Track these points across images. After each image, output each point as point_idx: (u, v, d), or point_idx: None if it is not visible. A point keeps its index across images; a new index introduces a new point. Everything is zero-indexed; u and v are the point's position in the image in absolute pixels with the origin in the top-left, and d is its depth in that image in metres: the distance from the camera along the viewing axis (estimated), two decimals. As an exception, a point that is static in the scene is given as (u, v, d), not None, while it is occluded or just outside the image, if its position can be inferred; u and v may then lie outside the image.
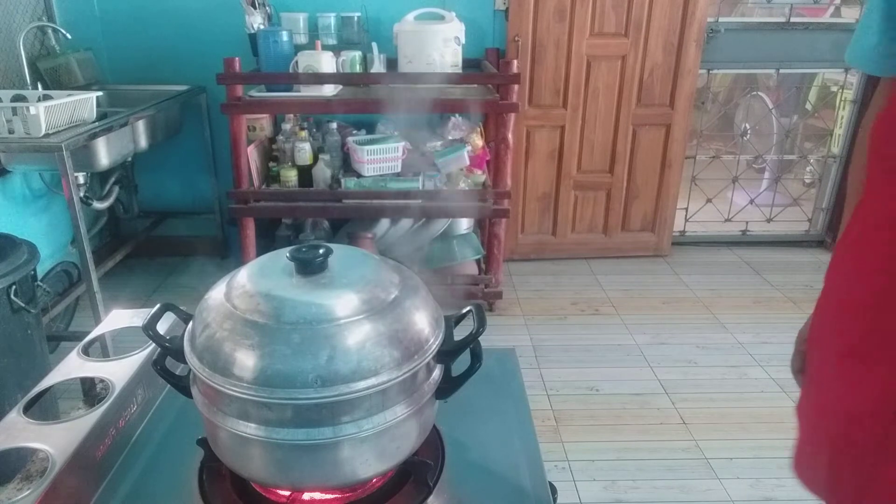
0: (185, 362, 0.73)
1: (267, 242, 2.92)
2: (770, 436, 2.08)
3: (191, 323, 0.75)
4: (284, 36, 2.60)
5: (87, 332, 1.04)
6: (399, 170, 2.67)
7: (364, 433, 0.68)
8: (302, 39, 2.81)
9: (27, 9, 2.69)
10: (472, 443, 0.87)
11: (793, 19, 3.17)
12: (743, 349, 2.56)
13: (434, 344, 0.73)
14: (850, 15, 3.30)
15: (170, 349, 0.75)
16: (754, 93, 4.13)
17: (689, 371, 2.42)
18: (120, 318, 1.08)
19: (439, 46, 2.65)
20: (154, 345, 0.76)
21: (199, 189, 3.24)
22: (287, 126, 2.79)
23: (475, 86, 2.80)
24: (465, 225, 2.98)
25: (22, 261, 1.75)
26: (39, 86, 2.59)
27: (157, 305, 0.79)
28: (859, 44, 0.72)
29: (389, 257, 0.84)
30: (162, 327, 0.80)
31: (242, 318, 0.69)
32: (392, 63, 2.81)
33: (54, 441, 0.77)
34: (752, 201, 3.60)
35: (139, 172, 3.14)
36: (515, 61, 2.49)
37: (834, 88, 3.61)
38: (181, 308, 0.82)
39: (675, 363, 2.47)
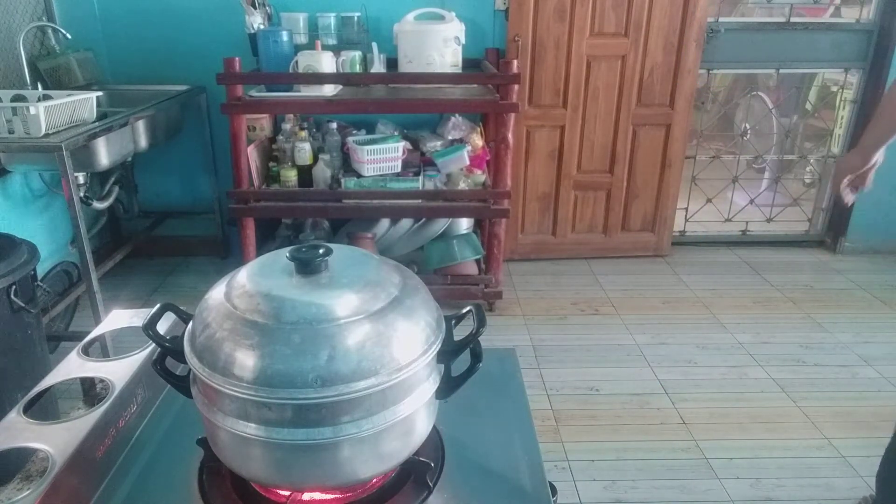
0: (185, 362, 0.73)
1: (267, 242, 2.92)
2: (770, 436, 2.08)
3: (191, 323, 0.75)
4: (284, 36, 2.60)
5: (87, 332, 1.04)
6: (399, 170, 2.68)
7: (364, 433, 0.68)
8: (302, 39, 2.81)
9: (27, 9, 2.69)
10: (472, 443, 0.87)
11: (793, 19, 3.17)
12: (743, 349, 2.56)
13: (434, 344, 0.73)
14: (850, 15, 3.30)
15: (170, 349, 0.75)
16: (754, 93, 4.13)
17: (689, 371, 2.42)
18: (120, 318, 1.08)
19: (439, 46, 2.65)
20: (154, 345, 0.76)
21: (199, 189, 3.24)
22: (287, 126, 2.79)
23: (475, 86, 2.80)
24: (465, 225, 2.98)
25: (22, 261, 1.75)
26: (39, 86, 2.59)
27: (157, 305, 0.79)
28: None
29: (389, 257, 0.84)
30: (162, 327, 0.80)
31: (242, 318, 0.69)
32: (392, 63, 2.81)
33: (54, 441, 0.77)
34: (752, 201, 3.60)
35: (139, 172, 3.14)
36: (515, 61, 2.49)
37: (834, 88, 3.60)
38: (181, 308, 0.82)
39: (675, 363, 2.47)
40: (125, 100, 2.81)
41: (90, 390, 0.93)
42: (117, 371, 0.92)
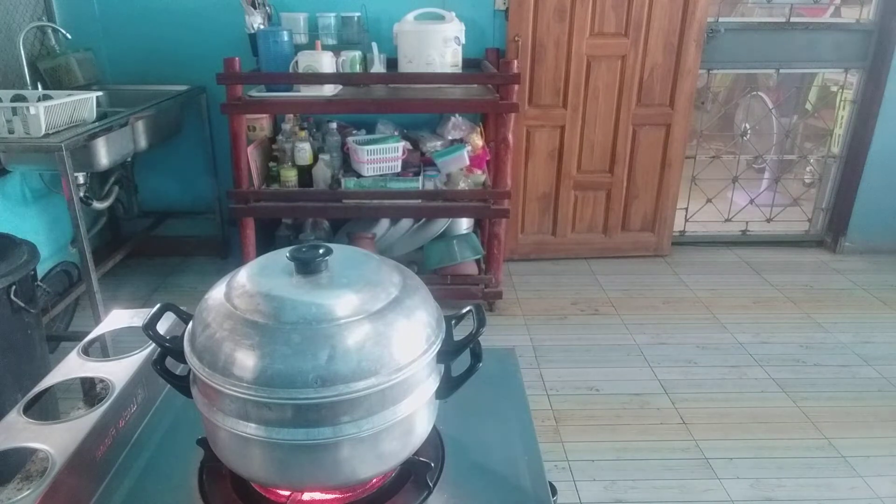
0: (185, 362, 0.72)
1: (267, 242, 2.92)
2: (770, 436, 2.08)
3: (191, 323, 0.75)
4: (284, 36, 2.60)
5: (87, 332, 1.04)
6: (399, 170, 2.68)
7: (364, 433, 0.68)
8: (302, 39, 2.81)
9: (27, 9, 2.69)
10: (472, 443, 0.87)
11: (793, 19, 3.17)
12: (743, 349, 2.56)
13: (434, 344, 0.73)
14: (850, 15, 3.30)
15: (170, 349, 0.75)
16: (754, 93, 4.13)
17: (689, 371, 2.42)
18: (120, 318, 1.08)
19: (439, 46, 2.65)
20: (154, 345, 0.76)
21: (199, 189, 3.24)
22: (287, 126, 2.79)
23: (475, 86, 2.80)
24: (465, 225, 2.99)
25: (22, 261, 1.75)
26: (39, 86, 2.59)
27: (157, 305, 0.79)
28: None
29: (389, 257, 0.83)
30: (162, 327, 0.80)
31: (242, 318, 0.69)
32: (392, 63, 2.81)
33: (54, 441, 0.77)
34: (752, 201, 3.60)
35: (139, 172, 3.14)
36: (515, 61, 2.49)
37: (834, 88, 3.60)
38: (181, 308, 0.82)
39: (675, 363, 2.47)
40: (125, 100, 2.81)
41: (90, 390, 0.93)
42: (117, 371, 0.92)
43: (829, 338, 2.66)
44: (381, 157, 2.62)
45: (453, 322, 0.80)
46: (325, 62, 2.52)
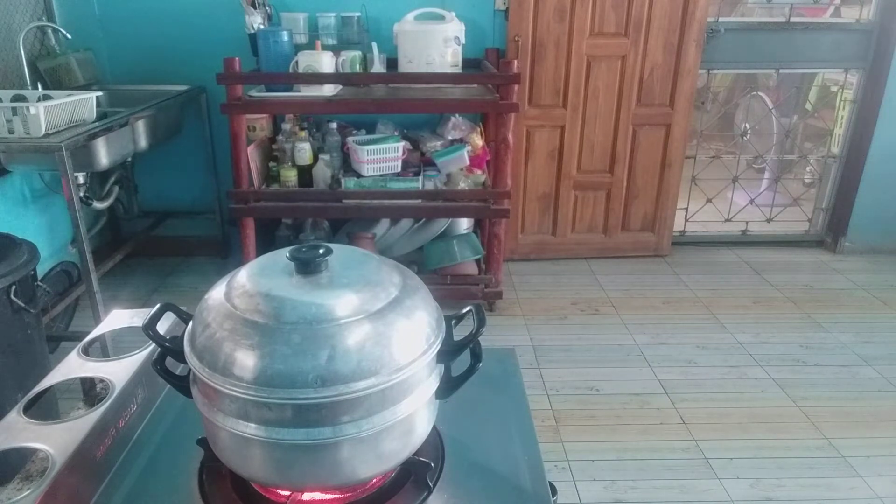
0: (185, 362, 0.72)
1: (267, 242, 2.92)
2: (770, 436, 2.08)
3: (191, 323, 0.75)
4: (284, 36, 2.60)
5: (87, 332, 1.04)
6: (399, 170, 2.68)
7: (364, 433, 0.68)
8: (302, 39, 2.81)
9: (27, 9, 2.69)
10: (472, 443, 0.87)
11: (793, 19, 3.17)
12: (743, 349, 2.56)
13: (434, 344, 0.73)
14: (850, 15, 3.30)
15: (170, 349, 0.75)
16: (754, 93, 4.13)
17: (689, 371, 2.42)
18: (120, 318, 1.08)
19: (439, 46, 2.65)
20: (154, 345, 0.76)
21: (199, 189, 3.24)
22: (287, 126, 2.79)
23: (475, 86, 2.80)
24: (465, 225, 2.99)
25: (22, 261, 1.75)
26: (39, 86, 2.59)
27: (157, 305, 0.79)
28: None
29: (389, 257, 0.83)
30: (162, 327, 0.80)
31: (242, 318, 0.69)
32: (392, 63, 2.81)
33: (54, 441, 0.77)
34: (752, 201, 3.60)
35: (139, 172, 3.14)
36: (515, 61, 2.49)
37: (834, 88, 3.61)
38: (181, 308, 0.82)
39: (675, 363, 2.47)
40: (125, 100, 2.81)
41: (90, 390, 0.93)
42: (117, 371, 0.92)
43: (829, 338, 2.66)
44: (381, 157, 2.62)
45: (453, 322, 0.80)
46: (325, 62, 2.52)
